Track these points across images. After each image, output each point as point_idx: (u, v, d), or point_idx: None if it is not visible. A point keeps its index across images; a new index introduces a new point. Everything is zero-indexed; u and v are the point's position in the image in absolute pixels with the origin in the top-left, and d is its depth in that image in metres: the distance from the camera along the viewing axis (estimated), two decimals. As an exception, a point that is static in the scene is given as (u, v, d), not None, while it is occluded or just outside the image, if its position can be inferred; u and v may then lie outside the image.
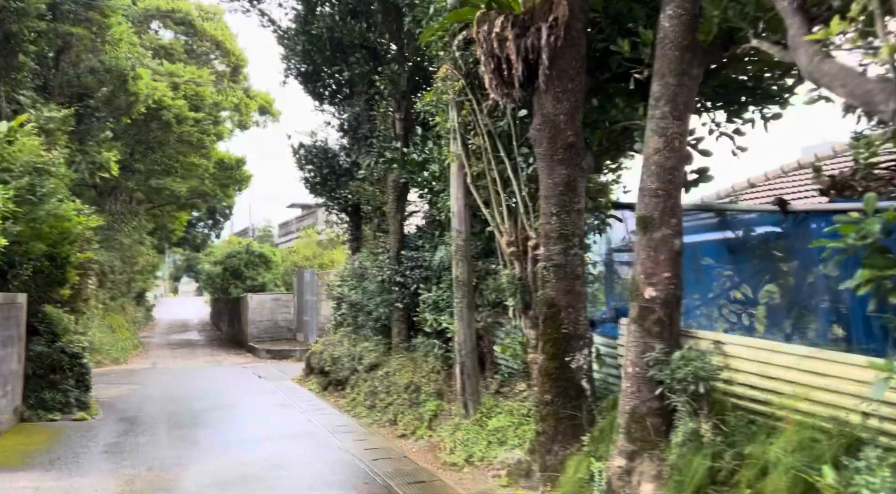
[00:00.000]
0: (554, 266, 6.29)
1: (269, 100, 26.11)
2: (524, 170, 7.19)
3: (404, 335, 11.28)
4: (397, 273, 11.12)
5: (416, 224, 12.12)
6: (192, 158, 20.98)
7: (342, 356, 13.29)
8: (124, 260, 22.41)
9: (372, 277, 11.82)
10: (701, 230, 6.72)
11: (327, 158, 14.27)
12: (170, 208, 27.26)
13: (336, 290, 16.81)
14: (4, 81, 11.97)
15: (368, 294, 11.93)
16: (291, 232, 39.27)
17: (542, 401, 6.26)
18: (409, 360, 10.61)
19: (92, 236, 13.69)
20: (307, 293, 25.24)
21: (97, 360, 20.63)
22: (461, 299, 7.96)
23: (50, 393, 10.87)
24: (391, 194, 11.36)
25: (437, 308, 9.76)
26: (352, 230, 15.36)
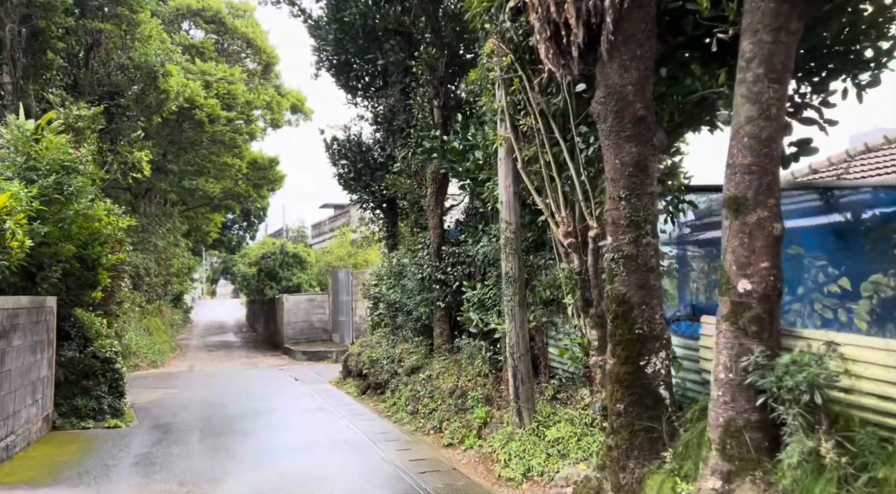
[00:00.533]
0: (624, 258, 5.53)
1: (300, 98, 25.73)
2: (583, 151, 6.44)
3: (447, 335, 10.62)
4: (438, 270, 10.47)
5: (457, 218, 11.44)
6: (224, 158, 20.68)
7: (381, 359, 12.70)
8: (159, 262, 22.28)
9: (411, 275, 11.18)
10: (792, 215, 5.88)
11: (361, 151, 13.70)
12: (204, 210, 27.14)
13: (372, 289, 16.26)
14: (33, 79, 11.70)
15: (407, 293, 11.31)
16: (325, 232, 39.09)
17: (613, 411, 5.51)
18: (454, 363, 9.94)
19: (124, 237, 13.36)
20: (342, 293, 24.83)
21: (134, 364, 20.52)
22: (512, 296, 7.25)
23: (82, 400, 10.51)
24: (430, 187, 10.70)
25: (483, 307, 9.06)
26: (387, 227, 14.77)
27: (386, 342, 13.44)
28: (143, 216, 21.56)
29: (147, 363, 21.05)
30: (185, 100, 17.95)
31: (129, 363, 20.44)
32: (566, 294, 6.75)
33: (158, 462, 8.01)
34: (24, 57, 11.30)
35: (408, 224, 13.56)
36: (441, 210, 10.70)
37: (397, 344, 12.84)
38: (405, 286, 11.35)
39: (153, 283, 23.22)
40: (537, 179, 7.07)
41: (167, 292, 26.45)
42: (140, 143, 15.29)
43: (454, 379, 9.49)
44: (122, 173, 15.34)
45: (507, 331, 7.30)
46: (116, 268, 12.81)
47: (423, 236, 11.34)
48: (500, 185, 7.35)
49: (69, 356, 10.52)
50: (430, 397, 9.76)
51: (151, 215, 22.29)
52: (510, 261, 7.29)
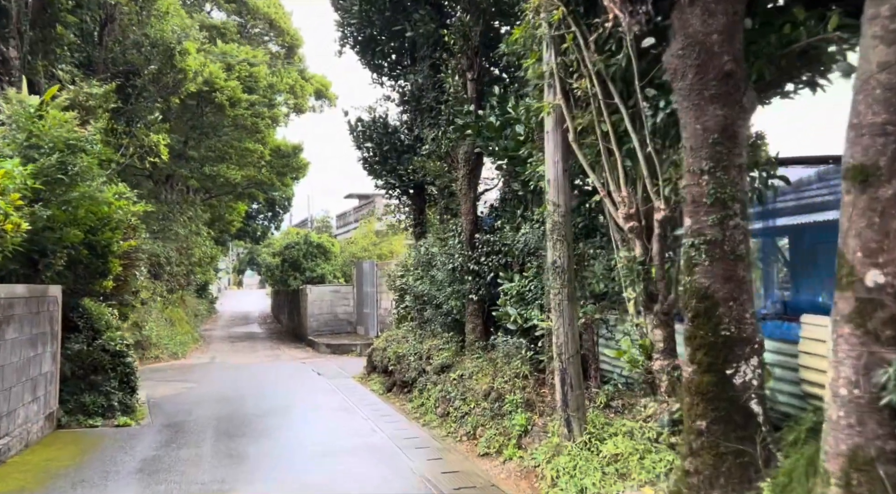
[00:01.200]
0: (706, 244, 4.55)
1: (325, 83, 24.95)
2: (649, 119, 5.44)
3: (480, 331, 9.71)
4: (470, 260, 9.55)
5: (490, 204, 10.49)
6: (246, 143, 19.97)
7: (407, 355, 11.84)
8: (181, 251, 21.75)
9: (440, 265, 10.29)
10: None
11: (387, 133, 12.81)
12: (226, 199, 26.59)
13: (398, 281, 15.43)
14: (42, 54, 11.04)
15: (437, 285, 10.42)
16: (349, 223, 38.46)
17: (692, 429, 4.55)
18: (488, 362, 9.03)
19: (138, 223, 12.69)
20: (367, 285, 24.09)
21: (154, 355, 20.04)
22: (560, 289, 6.30)
23: (90, 396, 9.85)
24: (462, 169, 9.77)
25: (522, 301, 8.14)
26: (415, 215, 13.88)
27: (413, 336, 12.59)
28: (164, 204, 21.01)
29: (168, 354, 20.56)
30: (204, 82, 17.25)
31: (149, 354, 19.99)
32: (626, 287, 5.79)
33: (164, 469, 7.26)
34: (31, 30, 10.64)
35: (436, 211, 12.66)
36: (474, 194, 9.77)
37: (425, 340, 11.98)
38: (434, 278, 10.46)
39: (175, 272, 22.72)
40: (591, 154, 6.10)
41: (190, 282, 25.99)
42: (158, 125, 14.61)
43: (489, 380, 8.58)
44: (139, 158, 14.68)
45: (555, 329, 6.36)
46: (130, 256, 12.14)
47: (453, 223, 10.43)
48: (547, 161, 6.39)
49: (76, 350, 9.86)
50: (462, 399, 8.87)
51: (172, 203, 21.75)
52: (558, 249, 6.33)
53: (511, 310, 8.17)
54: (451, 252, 10.05)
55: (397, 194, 14.08)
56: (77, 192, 9.04)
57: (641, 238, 5.71)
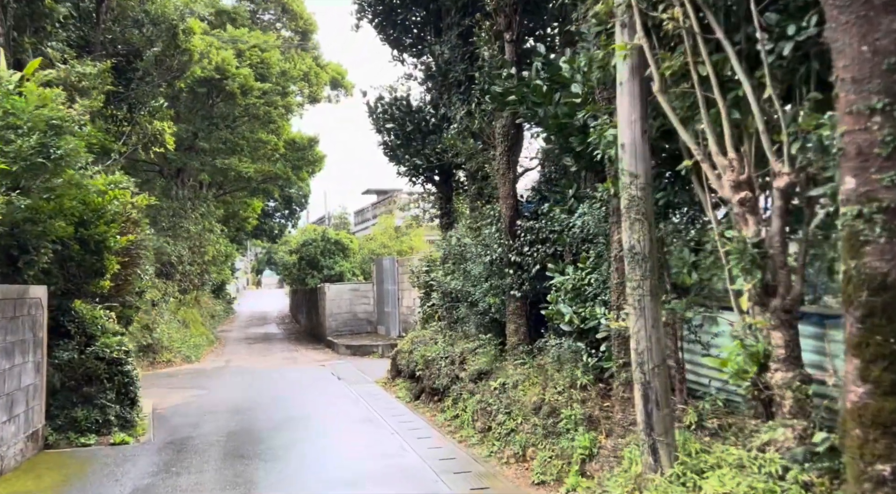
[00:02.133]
0: (882, 212, 3.22)
1: (340, 71, 23.77)
2: (770, 54, 4.11)
3: (523, 333, 8.42)
4: (511, 251, 8.26)
5: (532, 185, 9.19)
6: (259, 134, 18.85)
7: (437, 359, 10.59)
8: (193, 249, 20.72)
9: (475, 257, 9.01)
10: None
11: (411, 112, 11.57)
12: (241, 195, 25.57)
13: (423, 277, 14.19)
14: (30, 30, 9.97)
15: (471, 280, 9.14)
16: (367, 219, 37.40)
17: (867, 476, 3.22)
18: (536, 369, 7.73)
19: (140, 217, 11.58)
20: (387, 282, 22.90)
21: (166, 359, 19.03)
22: (640, 282, 4.99)
23: (83, 410, 8.73)
24: (500, 146, 8.47)
25: (579, 297, 6.83)
26: (441, 204, 12.63)
27: (442, 338, 11.33)
28: (174, 200, 19.99)
29: (181, 358, 19.54)
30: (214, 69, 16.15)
31: (160, 358, 18.99)
32: (736, 276, 4.46)
33: (157, 503, 6.09)
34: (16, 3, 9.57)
35: (466, 199, 11.39)
36: (514, 175, 8.46)
37: (456, 342, 10.72)
38: (468, 272, 9.18)
39: (188, 272, 21.71)
40: (682, 107, 4.77)
41: (204, 282, 25.00)
42: (162, 111, 13.51)
43: (538, 391, 7.29)
44: (144, 147, 13.59)
45: (633, 331, 5.04)
46: (130, 252, 11.03)
47: (489, 210, 9.14)
48: (621, 121, 5.08)
49: (66, 358, 8.74)
50: (506, 412, 7.58)
51: (183, 199, 20.72)
52: (637, 231, 5.01)
53: (564, 308, 6.87)
54: (488, 243, 8.76)
55: (421, 181, 12.85)
56: (61, 178, 7.90)
57: (756, 213, 4.37)
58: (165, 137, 13.59)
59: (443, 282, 9.80)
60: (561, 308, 6.96)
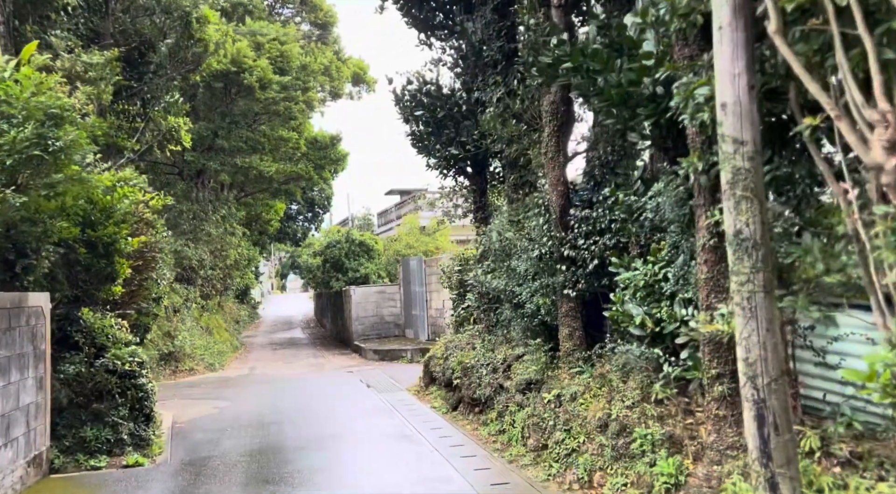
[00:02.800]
0: None
1: (362, 66, 22.96)
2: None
3: (579, 338, 7.42)
4: (564, 244, 7.28)
5: (585, 170, 8.17)
6: (280, 131, 18.11)
7: (477, 366, 9.64)
8: (214, 253, 20.06)
9: (520, 253, 8.04)
10: None
11: (442, 97, 10.64)
12: (263, 196, 24.92)
13: (455, 277, 13.27)
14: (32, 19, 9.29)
15: (516, 279, 8.17)
16: (391, 220, 36.66)
17: None
18: (597, 379, 6.74)
19: (154, 218, 10.82)
20: (414, 284, 22.03)
21: (189, 367, 18.37)
22: (750, 274, 3.98)
23: (93, 429, 7.95)
24: (548, 126, 7.48)
25: (652, 296, 5.83)
26: (475, 197, 11.67)
27: (480, 343, 10.38)
28: (195, 202, 19.34)
29: (204, 366, 18.88)
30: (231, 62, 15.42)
31: (183, 366, 18.34)
32: (889, 264, 3.44)
33: (167, 543, 5.24)
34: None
35: (503, 191, 10.42)
36: (564, 159, 7.47)
37: (497, 347, 9.76)
38: (513, 270, 8.21)
39: (210, 276, 21.06)
40: (807, 50, 3.76)
41: (227, 287, 24.38)
42: (177, 106, 12.78)
43: (603, 405, 6.30)
44: (159, 145, 12.86)
45: (741, 337, 4.04)
46: (144, 255, 10.28)
47: (536, 199, 8.16)
48: (721, 75, 4.08)
49: (74, 372, 7.97)
50: (564, 429, 6.60)
51: (204, 202, 20.07)
52: (744, 211, 4.00)
53: (634, 308, 5.88)
54: (535, 236, 7.78)
55: (453, 174, 11.91)
56: (62, 174, 7.11)
57: (919, 182, 3.35)
58: (181, 134, 12.84)
59: (483, 282, 8.83)
60: (630, 309, 5.97)
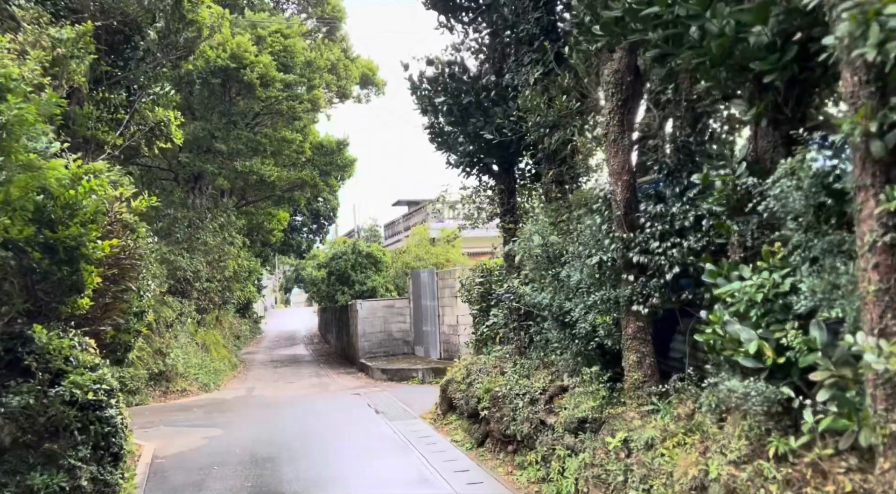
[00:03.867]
0: None
1: (371, 67, 21.63)
2: None
3: (650, 366, 5.90)
4: (631, 248, 5.78)
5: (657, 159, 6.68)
6: (283, 132, 16.76)
7: (510, 395, 8.10)
8: (211, 264, 18.63)
9: (572, 260, 6.54)
10: None
11: (468, 81, 9.22)
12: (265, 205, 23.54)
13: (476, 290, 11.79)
14: (-9, -13, 7.98)
15: (566, 291, 6.66)
16: (399, 232, 35.38)
17: None
18: (681, 422, 5.21)
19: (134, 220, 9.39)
20: (425, 298, 20.55)
21: (181, 388, 16.86)
22: None
23: (44, 475, 6.43)
24: (610, 100, 6.00)
25: (774, 313, 4.33)
26: (503, 198, 10.21)
27: (511, 367, 8.86)
28: (190, 209, 17.94)
29: (198, 386, 17.38)
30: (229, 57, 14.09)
31: (174, 387, 16.82)
32: None
33: None
34: (-30, -50, 7.62)
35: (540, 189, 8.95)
36: (630, 142, 5.98)
37: (533, 373, 8.24)
38: (561, 280, 6.70)
39: (207, 289, 19.60)
40: None
41: (226, 301, 22.92)
42: (167, 97, 11.39)
43: (695, 458, 4.76)
44: (146, 141, 11.47)
45: None
46: (120, 262, 8.82)
47: (587, 194, 6.67)
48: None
49: (20, 404, 6.45)
50: (642, 489, 5.06)
51: (202, 209, 18.66)
52: None
53: (744, 331, 4.37)
54: (588, 239, 6.28)
55: (476, 173, 10.47)
56: (2, 157, 5.69)
57: None
58: (172, 130, 11.45)
59: (522, 294, 7.30)
60: (735, 332, 4.46)
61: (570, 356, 6.60)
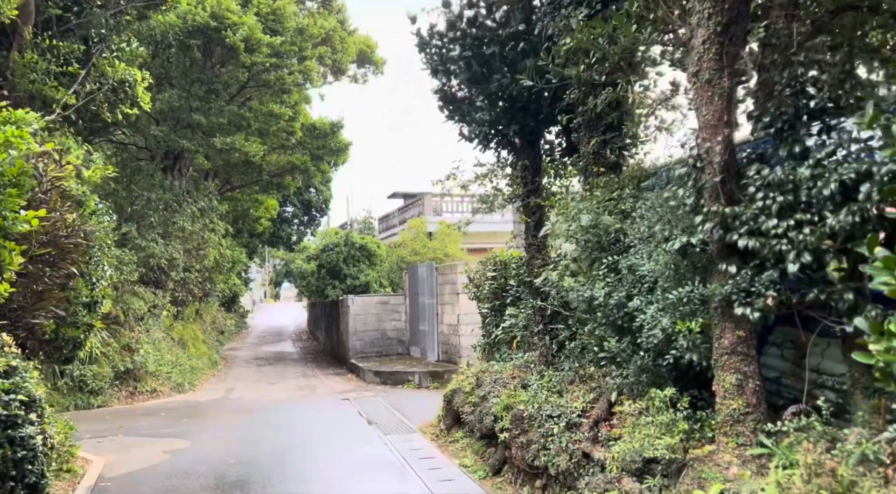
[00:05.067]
0: None
1: (369, 43, 19.90)
2: None
3: (755, 391, 4.28)
4: (732, 226, 4.17)
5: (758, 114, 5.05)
6: (270, 105, 15.03)
7: (538, 416, 6.47)
8: (190, 252, 16.91)
9: (641, 245, 4.92)
10: None
11: (492, 28, 7.58)
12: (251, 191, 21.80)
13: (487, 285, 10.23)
14: None
15: (627, 286, 5.04)
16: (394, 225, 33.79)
17: None
18: (809, 472, 3.60)
19: (83, 192, 7.72)
20: (423, 295, 18.94)
21: (150, 388, 15.15)
22: None
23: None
24: (702, 26, 4.38)
25: None
26: (525, 175, 8.59)
27: (537, 380, 7.25)
28: (167, 191, 16.22)
29: (171, 386, 15.67)
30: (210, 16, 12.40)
31: (143, 388, 15.11)
32: None
33: None
34: None
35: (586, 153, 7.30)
36: (731, 84, 4.37)
37: (567, 388, 6.64)
38: (621, 272, 5.07)
39: (185, 279, 17.89)
40: None
41: (208, 293, 21.20)
42: (132, 53, 9.70)
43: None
44: (109, 103, 9.79)
45: None
46: (59, 242, 7.15)
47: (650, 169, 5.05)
48: None
49: None
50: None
51: (180, 192, 16.93)
52: None
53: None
54: (659, 213, 4.67)
55: (495, 146, 8.85)
56: None
57: None
58: (138, 92, 9.76)
59: (567, 288, 5.65)
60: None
61: (633, 372, 4.97)
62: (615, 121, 6.52)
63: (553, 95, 7.00)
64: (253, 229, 24.24)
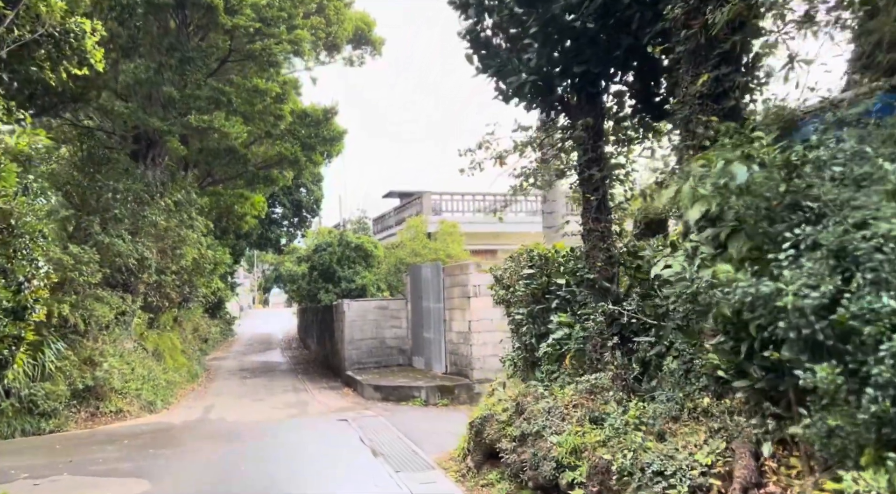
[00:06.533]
0: None
1: (367, 20, 17.87)
2: None
3: None
4: None
5: None
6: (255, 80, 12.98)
7: (636, 471, 4.47)
8: (164, 252, 14.82)
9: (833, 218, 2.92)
10: None
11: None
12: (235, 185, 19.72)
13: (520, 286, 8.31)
14: None
15: (838, 274, 3.04)
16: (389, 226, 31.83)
17: None
18: None
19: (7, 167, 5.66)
20: (428, 299, 16.92)
21: (115, 408, 12.94)
22: None
23: None
24: None
25: None
26: (586, 143, 6.61)
27: (618, 412, 5.25)
28: (137, 181, 14.12)
29: (140, 405, 13.50)
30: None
31: (108, 406, 12.90)
32: None
33: None
34: None
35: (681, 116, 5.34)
36: None
37: (671, 429, 4.66)
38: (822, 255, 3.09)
39: (160, 282, 15.77)
40: None
41: (187, 298, 19.06)
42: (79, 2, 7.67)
43: None
44: (50, 61, 7.73)
45: None
46: None
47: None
48: None
49: None
50: None
51: (153, 182, 14.83)
52: None
53: None
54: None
55: (538, 102, 6.87)
56: None
57: None
58: (87, 45, 7.71)
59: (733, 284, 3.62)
60: None
61: (863, 423, 2.96)
62: (738, 47, 4.56)
63: (640, 19, 5.03)
64: (238, 227, 22.12)
